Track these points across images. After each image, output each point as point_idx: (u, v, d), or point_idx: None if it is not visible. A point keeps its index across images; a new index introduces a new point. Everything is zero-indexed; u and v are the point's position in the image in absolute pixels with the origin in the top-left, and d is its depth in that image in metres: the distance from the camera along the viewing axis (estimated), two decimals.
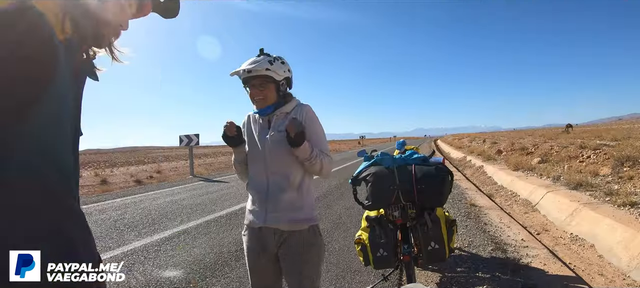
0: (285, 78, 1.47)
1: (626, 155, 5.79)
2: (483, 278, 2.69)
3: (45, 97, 0.50)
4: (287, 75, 1.48)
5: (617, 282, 2.72)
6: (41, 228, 0.50)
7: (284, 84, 1.48)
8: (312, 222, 1.50)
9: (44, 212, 0.50)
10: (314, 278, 1.48)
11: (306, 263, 1.46)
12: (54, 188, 0.53)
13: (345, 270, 3.04)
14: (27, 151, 0.49)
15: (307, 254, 1.46)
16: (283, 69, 1.45)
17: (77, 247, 0.54)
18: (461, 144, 25.62)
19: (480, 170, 10.29)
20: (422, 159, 2.24)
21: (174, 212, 5.87)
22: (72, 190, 0.57)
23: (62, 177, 0.54)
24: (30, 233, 0.49)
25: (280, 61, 1.45)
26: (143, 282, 2.92)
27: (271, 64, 1.40)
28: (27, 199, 0.49)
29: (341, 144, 68.66)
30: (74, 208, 0.56)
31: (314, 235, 1.49)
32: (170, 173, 14.81)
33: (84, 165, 31.18)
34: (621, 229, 3.23)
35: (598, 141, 11.03)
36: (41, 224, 0.50)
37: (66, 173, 0.55)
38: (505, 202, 6.03)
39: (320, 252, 1.52)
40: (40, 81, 0.49)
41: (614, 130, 19.84)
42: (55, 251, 0.51)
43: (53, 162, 0.52)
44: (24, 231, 0.48)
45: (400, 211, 2.27)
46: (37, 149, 0.50)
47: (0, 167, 0.46)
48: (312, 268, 1.47)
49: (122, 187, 10.73)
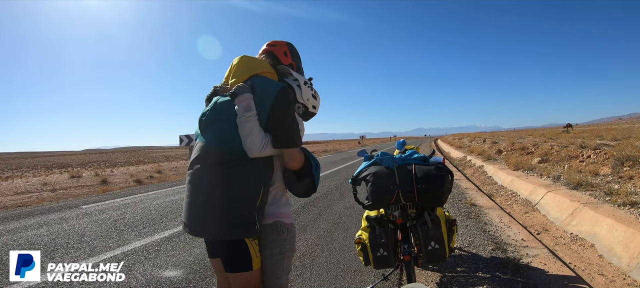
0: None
1: (626, 155, 5.79)
2: (483, 278, 2.69)
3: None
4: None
5: (617, 281, 2.71)
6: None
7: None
8: (275, 217, 1.47)
9: None
10: (279, 274, 1.47)
11: (269, 259, 1.46)
12: None
13: (345, 270, 3.04)
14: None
15: (269, 249, 1.46)
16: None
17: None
18: (461, 143, 25.61)
19: (480, 169, 10.29)
20: (422, 159, 2.24)
21: (174, 212, 5.87)
22: None
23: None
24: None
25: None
26: (143, 282, 2.92)
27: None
28: None
29: (341, 143, 68.66)
30: None
31: (277, 232, 1.46)
32: (171, 173, 14.81)
33: (84, 165, 31.21)
34: (621, 229, 3.23)
35: (598, 141, 11.04)
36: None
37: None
38: (506, 201, 6.03)
39: (284, 249, 1.48)
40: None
41: (614, 130, 19.84)
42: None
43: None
44: None
45: (400, 211, 2.27)
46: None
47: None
48: (275, 264, 1.46)
49: (122, 187, 10.73)
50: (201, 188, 1.38)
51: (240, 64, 1.50)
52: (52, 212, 6.52)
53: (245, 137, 1.35)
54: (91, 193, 9.57)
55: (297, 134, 1.44)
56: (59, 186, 10.96)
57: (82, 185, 11.13)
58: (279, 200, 1.50)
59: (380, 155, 2.30)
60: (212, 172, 1.36)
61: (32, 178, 14.66)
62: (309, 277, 2.93)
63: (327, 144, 71.46)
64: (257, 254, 1.43)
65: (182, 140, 13.26)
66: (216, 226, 1.35)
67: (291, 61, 1.63)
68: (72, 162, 41.01)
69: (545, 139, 15.81)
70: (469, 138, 30.87)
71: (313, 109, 1.65)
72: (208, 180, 1.37)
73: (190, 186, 1.41)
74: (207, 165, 1.38)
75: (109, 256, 3.62)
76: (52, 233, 4.76)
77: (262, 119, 1.38)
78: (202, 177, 1.38)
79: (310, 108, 1.63)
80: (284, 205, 1.51)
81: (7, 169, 32.84)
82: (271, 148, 1.38)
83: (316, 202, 6.20)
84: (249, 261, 1.40)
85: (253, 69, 1.48)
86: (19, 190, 10.15)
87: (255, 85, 1.43)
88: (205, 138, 1.42)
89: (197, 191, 1.39)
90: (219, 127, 1.41)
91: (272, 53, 1.60)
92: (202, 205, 1.37)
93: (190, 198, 1.40)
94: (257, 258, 1.43)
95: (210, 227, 1.37)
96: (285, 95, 1.42)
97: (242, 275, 1.41)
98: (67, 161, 45.17)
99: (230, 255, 1.40)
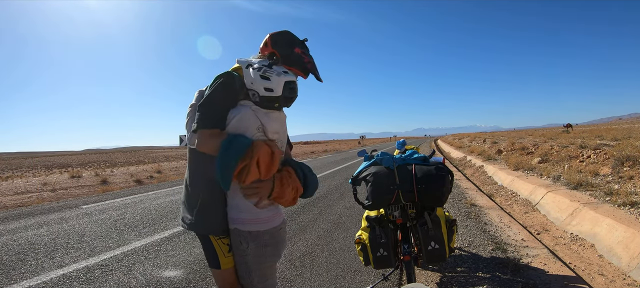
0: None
1: (626, 155, 5.79)
2: (483, 278, 2.69)
3: None
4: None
5: (617, 282, 2.71)
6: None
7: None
8: (233, 223, 1.40)
9: None
10: (249, 281, 1.42)
11: (237, 264, 1.44)
12: None
13: (345, 270, 3.04)
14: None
15: (235, 255, 1.44)
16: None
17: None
18: (461, 143, 25.61)
19: (480, 170, 10.29)
20: (422, 159, 2.24)
21: (174, 212, 5.87)
22: None
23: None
24: None
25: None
26: (143, 282, 2.92)
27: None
28: None
29: (341, 143, 68.69)
30: None
31: (236, 240, 1.40)
32: (171, 173, 14.81)
33: (84, 165, 31.19)
34: (621, 229, 3.23)
35: (598, 141, 11.04)
36: None
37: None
38: (506, 201, 6.03)
39: (247, 259, 1.39)
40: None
41: (614, 130, 19.85)
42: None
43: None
44: None
45: (400, 211, 2.27)
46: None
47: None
48: (244, 271, 1.43)
49: (123, 187, 10.73)
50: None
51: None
52: (52, 212, 6.52)
53: (187, 130, 1.43)
54: (91, 193, 9.57)
55: (202, 115, 1.30)
56: (59, 186, 10.96)
57: (82, 185, 11.12)
58: (237, 204, 1.37)
59: (380, 155, 2.30)
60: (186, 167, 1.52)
61: (32, 178, 14.65)
62: (309, 277, 2.93)
63: (327, 144, 71.47)
64: (225, 254, 1.41)
65: (182, 140, 13.23)
66: (185, 218, 1.45)
67: (272, 50, 1.50)
68: (72, 162, 41.02)
69: (545, 139, 15.81)
70: (469, 138, 30.88)
71: (266, 91, 1.34)
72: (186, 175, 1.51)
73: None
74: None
75: (109, 256, 3.62)
76: (52, 233, 4.76)
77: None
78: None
79: (262, 91, 1.34)
80: (243, 211, 1.37)
81: (7, 169, 32.85)
82: (193, 136, 1.34)
83: (316, 202, 6.20)
84: (216, 259, 1.43)
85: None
86: (19, 190, 10.15)
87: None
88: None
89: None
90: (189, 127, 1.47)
91: (260, 47, 1.56)
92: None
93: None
94: (225, 259, 1.42)
95: (183, 219, 1.47)
96: (214, 80, 1.37)
97: (214, 271, 1.47)
98: (67, 161, 45.17)
99: (203, 248, 1.47)
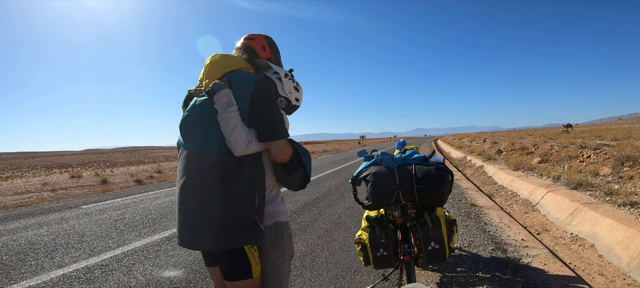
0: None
1: (626, 155, 5.79)
2: (483, 278, 2.69)
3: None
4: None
5: (617, 282, 2.71)
6: None
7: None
8: (274, 217, 1.42)
9: None
10: (281, 277, 1.42)
11: (271, 263, 1.43)
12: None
13: (345, 270, 3.04)
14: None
15: (271, 253, 1.42)
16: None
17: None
18: (461, 143, 25.61)
19: (480, 170, 10.29)
20: (422, 159, 2.24)
21: (174, 212, 5.86)
22: None
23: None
24: None
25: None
26: (143, 282, 2.93)
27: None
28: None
29: (341, 143, 68.68)
30: None
31: (276, 233, 1.42)
32: (171, 173, 14.81)
33: (85, 165, 31.21)
34: (621, 229, 3.23)
35: (598, 141, 11.04)
36: None
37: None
38: (506, 201, 6.03)
39: (285, 251, 1.43)
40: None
41: (614, 130, 19.85)
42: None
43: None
44: None
45: (400, 211, 2.26)
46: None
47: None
48: (278, 268, 1.42)
49: (123, 187, 10.74)
50: (193, 200, 1.29)
51: (213, 62, 1.39)
52: (52, 212, 6.52)
53: (229, 134, 1.24)
54: (91, 193, 9.57)
55: (282, 124, 1.34)
56: (59, 186, 10.96)
57: (82, 185, 11.13)
58: (275, 198, 1.42)
59: (380, 155, 2.30)
60: (201, 181, 1.27)
61: (32, 178, 14.66)
62: (309, 277, 2.93)
63: (327, 143, 71.45)
64: (256, 261, 1.36)
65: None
66: (213, 238, 1.26)
67: (270, 55, 1.52)
68: (72, 162, 41.00)
69: (545, 139, 15.81)
70: (469, 138, 30.88)
71: (296, 101, 1.53)
72: (199, 190, 1.27)
73: (181, 200, 1.32)
74: (195, 175, 1.28)
75: (109, 256, 3.62)
76: (52, 233, 4.76)
77: (243, 114, 1.28)
78: (191, 189, 1.29)
79: (293, 101, 1.51)
80: (280, 203, 1.43)
81: (7, 169, 32.84)
82: (257, 143, 1.28)
83: (316, 202, 6.20)
84: (248, 268, 1.33)
85: (228, 67, 1.38)
86: (19, 190, 10.15)
87: (232, 81, 1.33)
88: (188, 146, 1.33)
89: (189, 204, 1.30)
90: (200, 130, 1.31)
91: (250, 47, 1.50)
92: (195, 217, 1.28)
93: (182, 213, 1.31)
94: (257, 266, 1.36)
95: (205, 240, 1.29)
96: (265, 85, 1.32)
97: (242, 283, 1.34)
98: (67, 161, 45.15)
99: (229, 263, 1.32)
